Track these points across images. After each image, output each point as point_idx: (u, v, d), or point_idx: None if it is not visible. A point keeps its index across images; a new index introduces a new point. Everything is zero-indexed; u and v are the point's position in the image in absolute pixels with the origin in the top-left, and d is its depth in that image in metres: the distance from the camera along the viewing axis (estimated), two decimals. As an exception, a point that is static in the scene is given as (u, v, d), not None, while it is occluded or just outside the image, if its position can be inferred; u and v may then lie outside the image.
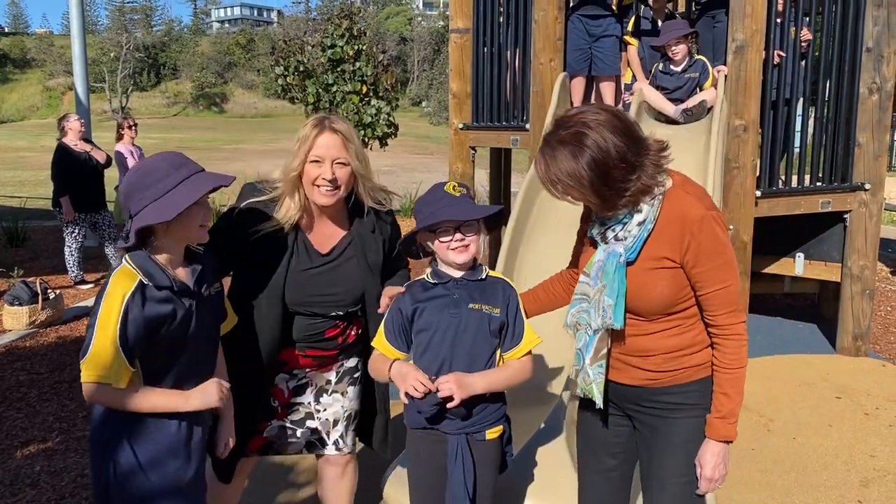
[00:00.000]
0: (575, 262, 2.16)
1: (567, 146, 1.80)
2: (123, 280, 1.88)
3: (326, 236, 2.37)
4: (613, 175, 1.80)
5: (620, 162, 1.79)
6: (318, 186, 2.24)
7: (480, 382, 2.02)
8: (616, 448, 2.13)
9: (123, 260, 1.93)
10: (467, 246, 2.04)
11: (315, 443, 2.48)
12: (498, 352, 2.10)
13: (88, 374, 1.85)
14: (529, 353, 2.11)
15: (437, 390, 1.96)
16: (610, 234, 1.92)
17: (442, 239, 2.05)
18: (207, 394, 2.00)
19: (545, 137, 1.87)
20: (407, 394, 1.97)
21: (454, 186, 2.06)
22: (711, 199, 1.94)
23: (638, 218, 1.88)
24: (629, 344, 1.98)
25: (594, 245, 2.00)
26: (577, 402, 2.22)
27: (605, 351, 1.98)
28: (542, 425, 2.97)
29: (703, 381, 1.97)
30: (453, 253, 2.04)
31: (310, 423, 2.46)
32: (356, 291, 2.37)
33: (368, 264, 2.38)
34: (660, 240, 1.88)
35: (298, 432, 2.46)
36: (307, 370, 2.43)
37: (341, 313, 2.38)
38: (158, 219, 1.87)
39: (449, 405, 1.98)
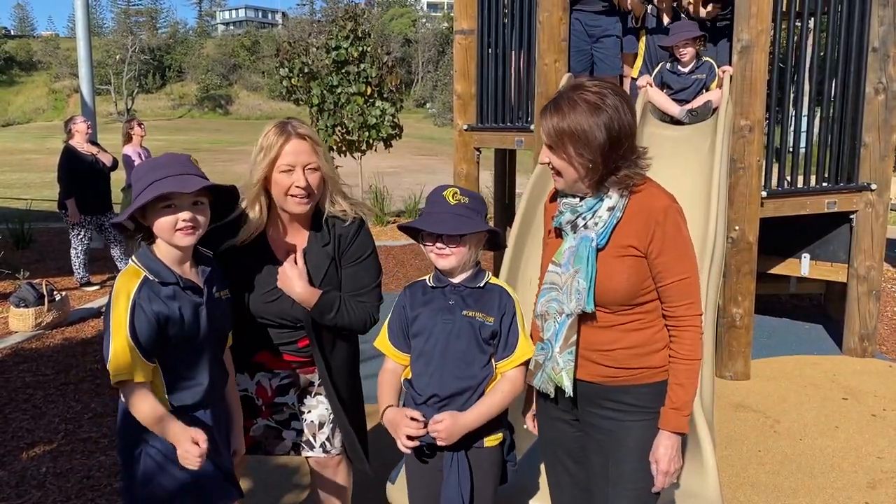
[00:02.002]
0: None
1: (588, 103, 1.84)
2: (129, 278, 1.93)
3: (290, 247, 2.33)
4: (621, 146, 1.87)
5: (627, 137, 1.87)
6: (291, 196, 2.20)
7: (474, 419, 2.02)
8: (578, 453, 2.13)
9: (131, 259, 1.98)
10: (448, 255, 2.03)
11: (303, 445, 2.46)
12: (493, 359, 2.09)
13: (113, 374, 1.89)
14: (524, 364, 2.08)
15: (428, 431, 2.01)
16: (580, 222, 1.96)
17: (426, 243, 2.07)
18: (186, 453, 1.88)
19: (561, 93, 1.89)
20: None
21: (454, 194, 2.05)
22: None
23: (608, 203, 1.93)
24: (592, 337, 1.98)
25: (559, 236, 2.04)
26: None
27: (574, 338, 1.98)
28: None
29: (659, 385, 1.98)
30: (434, 257, 2.06)
31: (295, 425, 2.45)
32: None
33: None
34: (627, 229, 1.92)
35: (284, 433, 2.45)
36: (288, 371, 2.42)
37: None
38: (119, 219, 1.98)
39: (440, 443, 2.01)
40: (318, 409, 2.45)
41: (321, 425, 2.45)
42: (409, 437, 2.01)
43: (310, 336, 2.30)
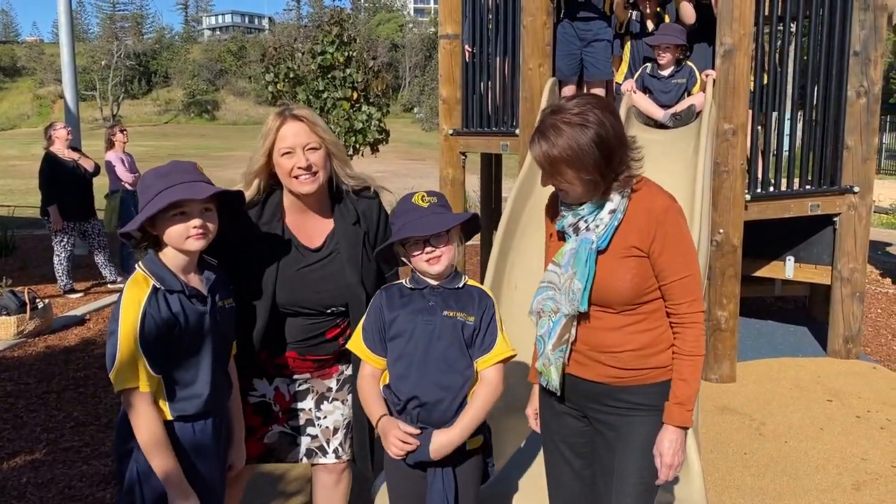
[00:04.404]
0: None
1: (573, 125, 1.85)
2: (138, 287, 1.92)
3: (314, 230, 2.33)
4: (614, 153, 1.88)
5: (619, 146, 1.89)
6: (295, 178, 2.21)
7: (461, 433, 2.04)
8: (583, 448, 2.14)
9: (137, 266, 1.97)
10: (439, 257, 2.04)
11: (315, 451, 2.45)
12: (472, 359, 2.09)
13: (118, 382, 1.88)
14: (502, 363, 2.09)
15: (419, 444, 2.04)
16: (582, 225, 1.98)
17: (413, 253, 2.06)
18: None
19: (544, 121, 1.91)
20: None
21: (422, 197, 2.06)
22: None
23: (609, 206, 1.95)
24: (599, 339, 2.00)
25: (562, 238, 2.05)
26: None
27: (566, 337, 2.00)
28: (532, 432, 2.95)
29: (664, 384, 2.01)
30: (426, 265, 2.06)
31: (310, 431, 2.44)
32: (345, 288, 2.31)
33: (349, 259, 2.31)
34: (628, 229, 1.95)
35: (298, 439, 2.44)
36: (307, 375, 2.41)
37: (339, 310, 2.32)
38: (128, 228, 1.95)
39: (434, 458, 2.04)
40: (333, 414, 2.45)
41: (335, 430, 2.46)
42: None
43: (354, 323, 2.28)
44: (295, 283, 2.26)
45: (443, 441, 2.02)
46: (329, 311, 2.30)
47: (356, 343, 2.16)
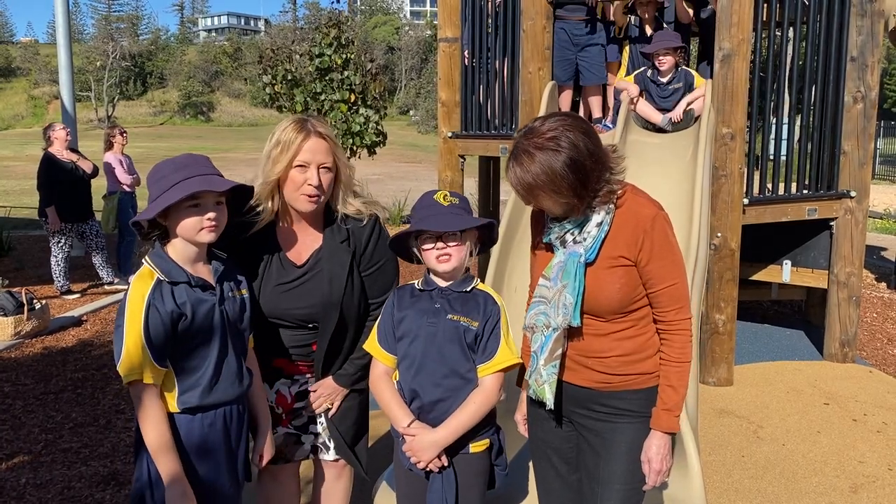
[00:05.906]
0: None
1: (544, 150, 1.83)
2: (143, 280, 1.93)
3: (303, 246, 2.33)
4: (590, 174, 1.86)
5: (594, 165, 1.87)
6: (303, 194, 2.20)
7: (445, 434, 2.04)
8: (569, 454, 2.15)
9: (144, 260, 1.98)
10: (449, 256, 2.04)
11: (319, 447, 2.48)
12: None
13: (125, 375, 1.89)
14: (502, 372, 2.08)
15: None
16: (569, 238, 1.98)
17: (424, 247, 2.07)
18: None
19: (517, 146, 1.89)
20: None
21: (444, 196, 2.07)
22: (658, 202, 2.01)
23: (596, 219, 1.95)
24: (587, 345, 2.01)
25: (550, 250, 2.05)
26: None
27: (559, 352, 2.01)
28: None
29: (650, 391, 2.02)
30: (436, 261, 2.06)
31: (312, 429, 2.46)
32: (320, 307, 2.30)
33: (331, 277, 2.28)
34: (616, 240, 1.95)
35: (303, 437, 2.46)
36: (307, 375, 2.42)
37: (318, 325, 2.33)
38: (143, 217, 1.94)
39: (418, 464, 2.05)
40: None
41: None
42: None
43: (320, 341, 2.29)
44: (275, 297, 2.27)
45: (426, 440, 2.03)
46: (310, 325, 2.31)
47: (371, 343, 2.19)
